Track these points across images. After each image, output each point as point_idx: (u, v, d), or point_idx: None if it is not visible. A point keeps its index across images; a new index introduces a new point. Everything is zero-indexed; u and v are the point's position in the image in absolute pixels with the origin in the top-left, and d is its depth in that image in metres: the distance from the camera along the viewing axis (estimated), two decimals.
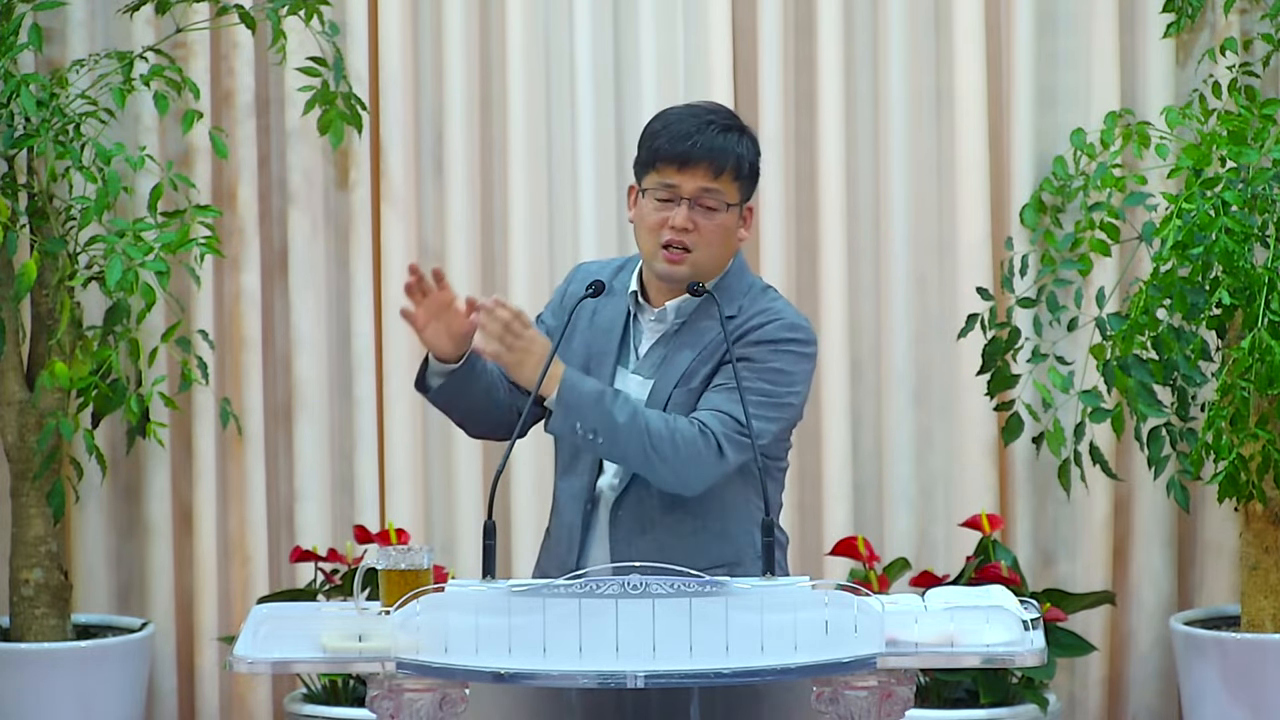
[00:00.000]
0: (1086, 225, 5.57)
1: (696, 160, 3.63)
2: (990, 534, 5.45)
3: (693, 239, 3.65)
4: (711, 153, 3.64)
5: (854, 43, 5.70)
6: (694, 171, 3.64)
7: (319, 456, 5.75)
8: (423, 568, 3.47)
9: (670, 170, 3.64)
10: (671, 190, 3.64)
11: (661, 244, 3.65)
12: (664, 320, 3.72)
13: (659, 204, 3.65)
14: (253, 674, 5.39)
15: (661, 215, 3.65)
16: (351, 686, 5.51)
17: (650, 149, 3.67)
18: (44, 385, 5.39)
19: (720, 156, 3.65)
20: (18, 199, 5.46)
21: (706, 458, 3.60)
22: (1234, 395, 5.11)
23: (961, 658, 3.31)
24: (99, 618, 5.70)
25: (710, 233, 3.66)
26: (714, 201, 3.65)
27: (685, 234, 3.64)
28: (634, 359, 3.73)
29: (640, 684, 3.16)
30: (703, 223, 3.65)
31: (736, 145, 3.67)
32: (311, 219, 5.74)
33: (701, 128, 3.66)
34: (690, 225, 3.64)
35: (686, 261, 3.66)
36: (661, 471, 3.60)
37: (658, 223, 3.65)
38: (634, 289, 3.74)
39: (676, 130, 3.66)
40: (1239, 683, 5.29)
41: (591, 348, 3.74)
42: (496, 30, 5.74)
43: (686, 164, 3.63)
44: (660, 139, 3.66)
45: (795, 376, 3.68)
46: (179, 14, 5.59)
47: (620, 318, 3.74)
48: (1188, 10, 5.60)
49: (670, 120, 3.69)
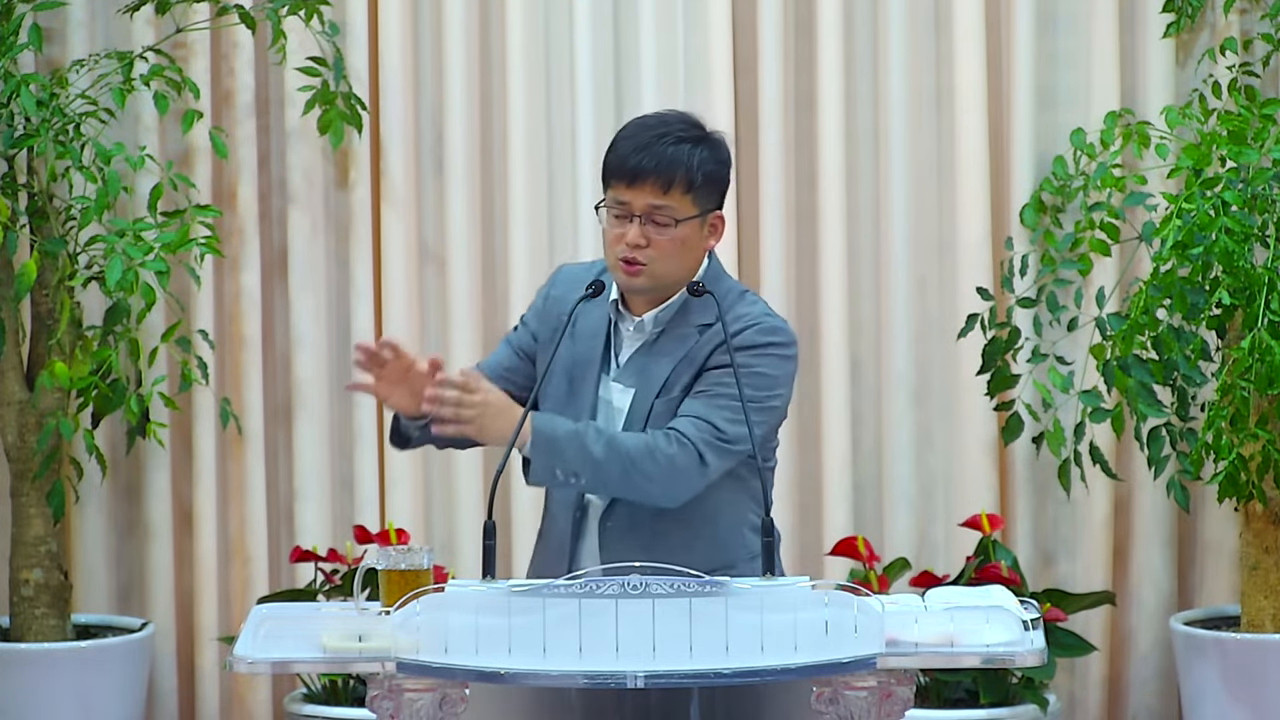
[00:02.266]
0: (1086, 225, 5.57)
1: (644, 176, 3.60)
2: (990, 534, 5.45)
3: (647, 254, 3.63)
4: (659, 168, 3.60)
5: (854, 42, 5.70)
6: (641, 188, 3.61)
7: (319, 456, 5.75)
8: (423, 568, 3.47)
9: (620, 187, 3.63)
10: (623, 207, 3.63)
11: (619, 257, 3.64)
12: (643, 330, 3.70)
13: (614, 220, 3.64)
14: (253, 674, 5.39)
15: (617, 231, 3.64)
16: (351, 686, 5.51)
17: (606, 163, 3.66)
18: (44, 385, 5.39)
19: (667, 171, 3.61)
20: (18, 199, 5.46)
21: (688, 469, 3.59)
22: (1234, 395, 5.11)
23: (961, 658, 3.31)
24: (99, 618, 5.70)
25: (664, 247, 3.63)
26: (663, 218, 3.62)
27: (639, 250, 3.63)
28: (614, 367, 3.72)
29: (640, 684, 3.16)
30: (656, 238, 3.63)
31: (688, 157, 3.62)
32: (311, 219, 5.74)
33: (653, 141, 3.62)
34: (643, 241, 3.62)
35: (643, 274, 3.64)
36: (647, 491, 3.60)
37: (614, 238, 3.64)
38: (614, 297, 3.73)
39: (626, 146, 3.63)
40: (1239, 683, 5.29)
41: (576, 354, 3.72)
42: (496, 30, 5.74)
43: (635, 180, 3.61)
44: (612, 153, 3.65)
45: (778, 379, 3.67)
46: (179, 14, 5.59)
47: (603, 325, 3.73)
48: (1188, 10, 5.60)
49: (627, 133, 3.66)
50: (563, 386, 3.72)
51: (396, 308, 5.72)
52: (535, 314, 3.81)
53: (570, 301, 3.73)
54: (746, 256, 5.71)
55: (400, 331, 5.69)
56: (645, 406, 3.65)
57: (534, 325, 3.79)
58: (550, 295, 3.80)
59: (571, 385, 3.72)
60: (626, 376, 3.69)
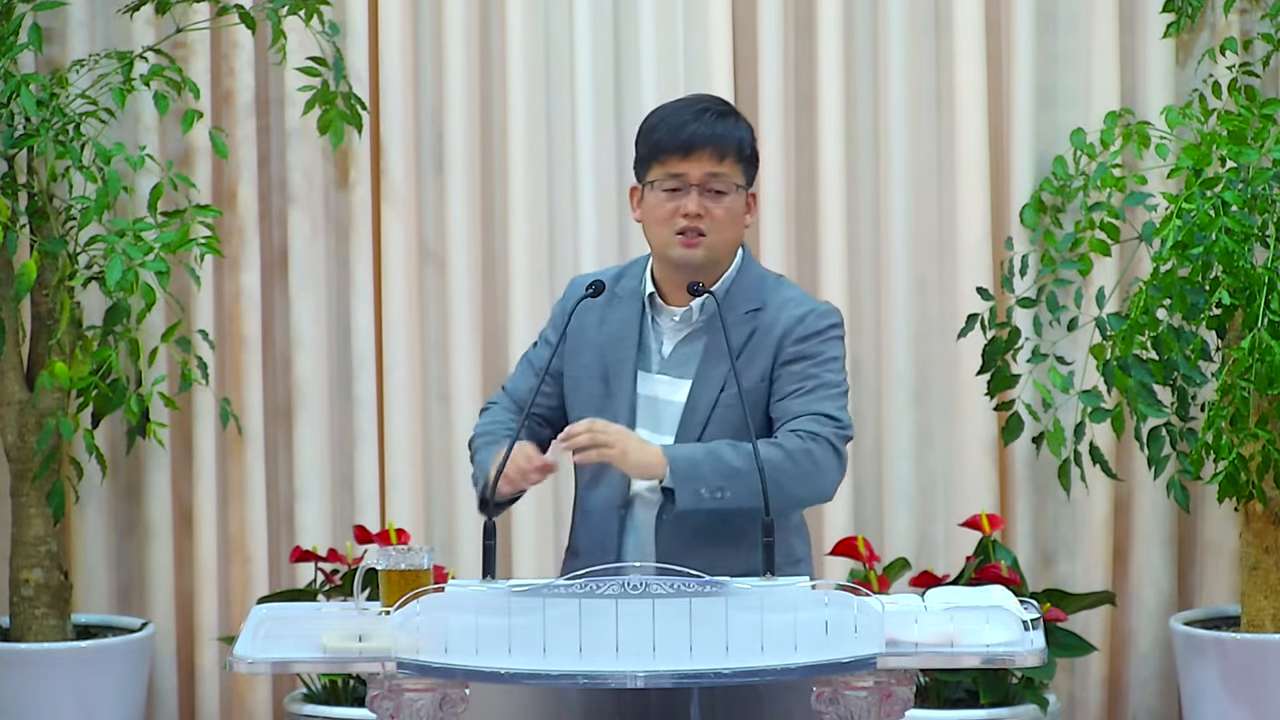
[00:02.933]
0: (1086, 225, 5.57)
1: (700, 146, 3.67)
2: (990, 534, 5.45)
3: (705, 224, 3.68)
4: (713, 138, 3.68)
5: (854, 42, 5.70)
6: (698, 158, 3.67)
7: (319, 456, 5.75)
8: (423, 568, 3.48)
9: (674, 160, 3.67)
10: (679, 179, 3.67)
11: (676, 231, 3.67)
12: (688, 320, 3.72)
13: (667, 194, 3.68)
14: (253, 674, 5.39)
15: (672, 205, 3.68)
16: (351, 686, 5.51)
17: (651, 143, 3.71)
18: (44, 385, 5.39)
19: (722, 141, 3.69)
20: (18, 199, 5.46)
21: (828, 463, 3.63)
22: (1234, 395, 5.11)
23: (961, 658, 3.31)
24: (99, 618, 5.70)
25: (721, 216, 3.68)
26: (722, 185, 3.68)
27: (698, 220, 3.67)
28: (656, 360, 3.73)
29: (640, 684, 3.16)
30: (713, 207, 3.68)
31: (735, 129, 3.72)
32: (311, 219, 5.74)
33: (698, 115, 3.70)
34: (702, 211, 3.67)
35: (702, 245, 3.68)
36: (793, 492, 3.60)
37: (669, 212, 3.68)
38: (650, 290, 3.75)
39: (674, 121, 3.70)
40: (1239, 683, 5.28)
41: (606, 355, 3.74)
42: (496, 30, 5.74)
43: (690, 151, 3.67)
44: (659, 131, 3.70)
45: (843, 359, 3.75)
46: (179, 14, 5.59)
47: (633, 322, 3.75)
48: (1188, 10, 5.60)
49: (666, 114, 3.73)
50: (598, 389, 3.74)
51: (396, 308, 5.72)
52: (553, 326, 3.84)
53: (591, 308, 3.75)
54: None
55: (400, 331, 5.69)
56: (709, 397, 3.66)
57: (553, 337, 3.82)
58: (568, 308, 3.80)
59: (608, 386, 3.73)
60: (674, 368, 3.71)
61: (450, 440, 5.72)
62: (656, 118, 3.74)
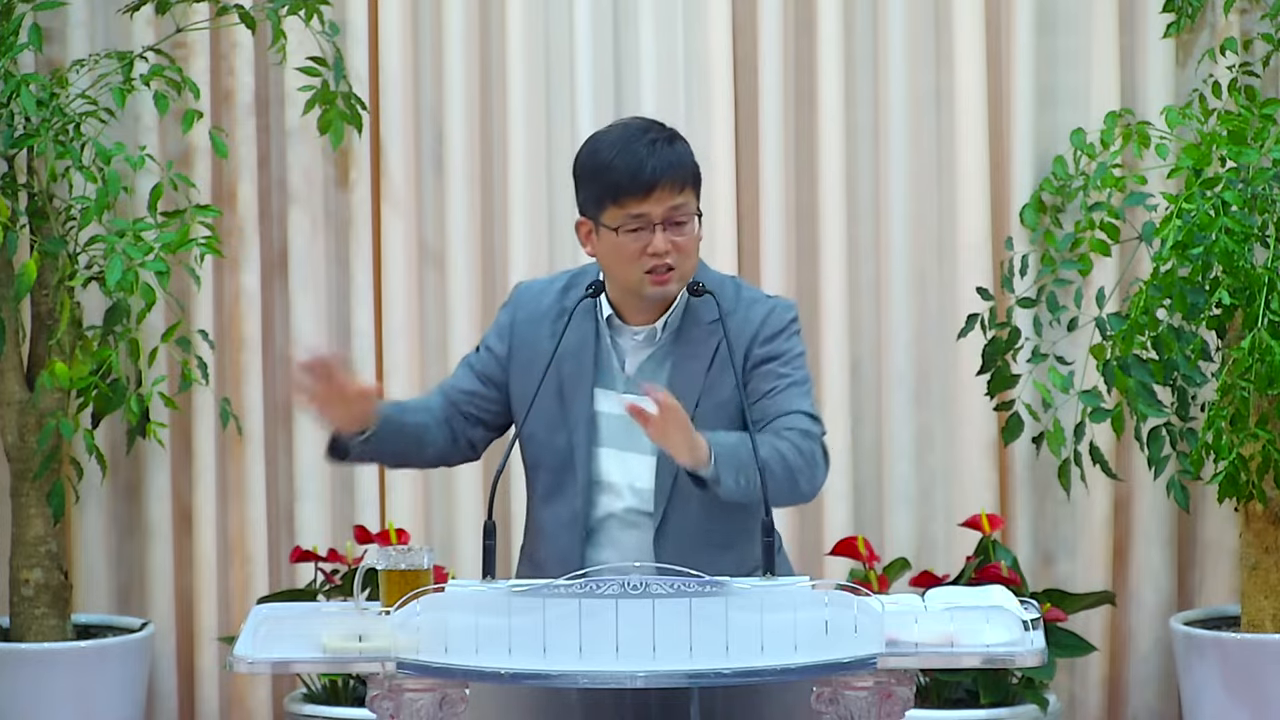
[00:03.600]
0: (1086, 225, 5.56)
1: (659, 183, 3.60)
2: (990, 534, 5.45)
3: (674, 258, 3.63)
4: (669, 170, 3.61)
5: (854, 42, 5.70)
6: (659, 196, 3.61)
7: (319, 456, 5.70)
8: (423, 568, 3.47)
9: (634, 202, 3.61)
10: (641, 219, 3.61)
11: (645, 270, 3.63)
12: (653, 339, 3.70)
13: (631, 235, 3.62)
14: (253, 674, 5.39)
15: (637, 245, 3.62)
16: (351, 686, 5.51)
17: (606, 184, 3.62)
18: (44, 385, 5.39)
19: (678, 170, 3.62)
20: (18, 199, 5.46)
21: (820, 462, 3.63)
22: (1234, 395, 5.11)
23: (961, 658, 3.30)
24: (99, 618, 5.70)
25: (686, 245, 3.64)
26: (683, 216, 3.63)
27: (667, 256, 3.63)
28: (620, 379, 3.69)
29: (640, 684, 3.16)
30: (678, 240, 3.63)
31: (685, 153, 3.65)
32: (311, 219, 5.74)
33: (650, 147, 3.62)
34: (669, 247, 3.62)
35: (673, 278, 3.64)
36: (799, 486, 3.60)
37: (635, 253, 3.62)
38: (608, 313, 3.71)
39: (630, 159, 3.61)
40: (1239, 683, 5.28)
41: (562, 372, 3.69)
42: (496, 30, 5.74)
43: (651, 190, 3.60)
44: (615, 173, 3.61)
45: (805, 352, 3.73)
46: (179, 14, 5.59)
47: (589, 339, 3.71)
48: (1188, 10, 5.60)
49: (616, 149, 3.63)
50: (551, 403, 3.70)
51: (396, 308, 5.72)
52: (499, 335, 3.78)
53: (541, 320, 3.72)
54: (746, 256, 5.71)
55: (400, 331, 5.69)
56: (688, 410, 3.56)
57: (498, 347, 3.76)
58: (517, 318, 3.77)
59: (563, 403, 3.69)
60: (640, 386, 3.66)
61: None
62: (608, 153, 3.64)
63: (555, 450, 3.70)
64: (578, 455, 3.68)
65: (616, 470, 3.69)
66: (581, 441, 3.67)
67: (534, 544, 3.79)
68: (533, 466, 3.75)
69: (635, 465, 3.68)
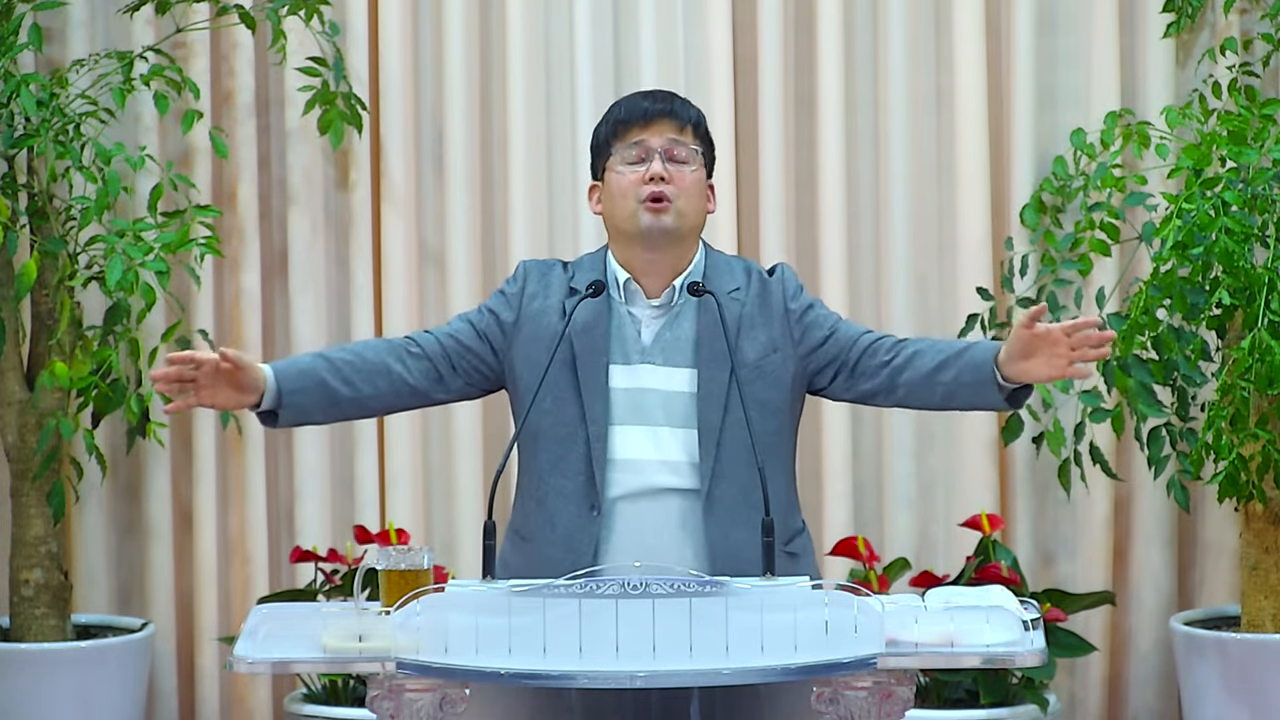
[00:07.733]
0: (1086, 225, 5.57)
1: (659, 115, 3.73)
2: (990, 534, 5.45)
3: (671, 189, 3.69)
4: (672, 109, 3.75)
5: (854, 42, 5.71)
6: (659, 126, 3.72)
7: (319, 456, 5.75)
8: (423, 568, 3.47)
9: (635, 130, 3.72)
10: (640, 147, 3.71)
11: (641, 199, 3.68)
12: (668, 305, 3.72)
13: (630, 166, 3.70)
14: (253, 674, 5.39)
15: (635, 175, 3.70)
16: (351, 686, 5.51)
17: (610, 123, 3.75)
18: (44, 385, 5.39)
19: (681, 112, 3.75)
20: (18, 199, 5.46)
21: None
22: (1234, 395, 5.11)
23: (961, 658, 3.31)
24: (99, 618, 5.70)
25: (685, 183, 3.71)
26: (684, 153, 3.72)
27: (664, 183, 3.68)
28: (637, 351, 3.71)
29: (640, 684, 3.16)
30: (677, 174, 3.70)
31: (691, 107, 3.78)
32: (311, 219, 5.74)
33: (651, 95, 3.78)
34: (666, 174, 3.69)
35: (670, 211, 3.69)
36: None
37: (633, 182, 3.70)
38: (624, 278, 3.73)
39: (630, 101, 3.77)
40: (1239, 683, 5.29)
41: (575, 348, 3.71)
42: (496, 30, 5.74)
43: (651, 121, 3.72)
44: (618, 111, 3.76)
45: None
46: (179, 14, 5.60)
47: (600, 315, 3.72)
48: (1188, 10, 5.61)
49: (621, 101, 3.81)
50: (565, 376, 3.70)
51: (396, 308, 5.72)
52: (507, 303, 3.79)
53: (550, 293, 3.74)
54: (747, 255, 5.70)
55: (400, 332, 5.68)
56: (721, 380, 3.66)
57: (505, 314, 3.77)
58: (527, 290, 3.78)
59: (578, 378, 3.70)
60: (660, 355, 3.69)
61: (450, 440, 5.72)
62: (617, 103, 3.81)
63: (564, 420, 3.70)
64: (592, 431, 3.67)
65: (637, 447, 3.68)
66: (597, 418, 3.68)
67: (526, 517, 3.76)
68: (535, 437, 3.73)
69: (668, 440, 3.68)
